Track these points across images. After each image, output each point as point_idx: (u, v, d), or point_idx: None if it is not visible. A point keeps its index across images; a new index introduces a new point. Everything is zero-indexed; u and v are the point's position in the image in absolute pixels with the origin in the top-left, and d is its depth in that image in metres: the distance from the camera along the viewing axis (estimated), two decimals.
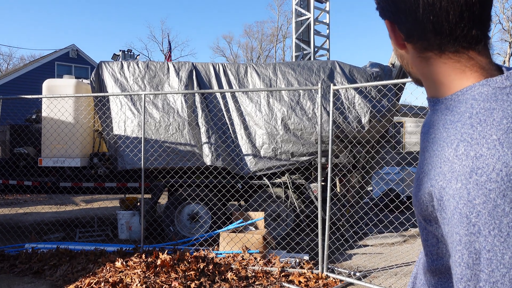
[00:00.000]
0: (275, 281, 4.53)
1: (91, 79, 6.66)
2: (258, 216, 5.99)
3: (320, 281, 4.57)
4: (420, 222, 0.82)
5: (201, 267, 4.50)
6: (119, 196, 11.34)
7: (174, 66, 6.68)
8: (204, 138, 6.37)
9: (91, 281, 4.19)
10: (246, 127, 6.48)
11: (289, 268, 4.92)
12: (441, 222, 0.69)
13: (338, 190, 6.92)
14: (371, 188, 9.53)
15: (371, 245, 6.36)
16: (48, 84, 6.77)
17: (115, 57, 11.68)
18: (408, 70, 0.85)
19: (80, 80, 7.67)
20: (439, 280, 0.80)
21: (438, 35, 0.71)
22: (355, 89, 6.34)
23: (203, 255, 4.99)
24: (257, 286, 4.42)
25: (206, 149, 6.33)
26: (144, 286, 4.01)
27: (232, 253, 5.32)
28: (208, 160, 6.29)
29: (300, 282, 4.50)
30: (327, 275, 4.73)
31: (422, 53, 0.76)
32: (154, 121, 6.43)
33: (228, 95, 6.57)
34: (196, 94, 6.46)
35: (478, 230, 0.61)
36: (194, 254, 5.01)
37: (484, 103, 0.67)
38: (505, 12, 31.08)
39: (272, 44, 41.69)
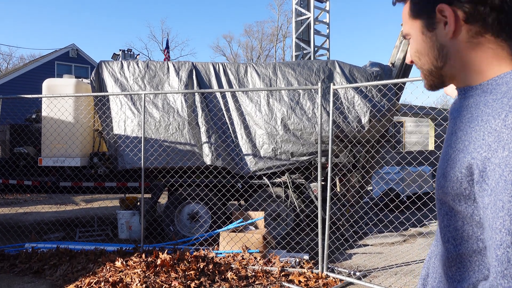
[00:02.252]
0: (275, 280, 4.53)
1: (91, 78, 6.66)
2: (258, 216, 5.99)
3: (320, 281, 4.57)
4: (442, 206, 0.83)
5: (201, 267, 4.50)
6: (119, 196, 11.33)
7: (174, 66, 6.68)
8: (204, 138, 6.37)
9: (91, 280, 4.19)
10: (246, 127, 6.48)
11: (289, 267, 4.92)
12: (478, 195, 0.71)
13: (338, 190, 6.92)
14: (371, 188, 9.53)
15: (371, 245, 6.36)
16: (48, 84, 6.77)
17: (115, 56, 11.68)
18: (441, 64, 0.87)
19: (80, 79, 7.67)
20: (457, 270, 0.80)
21: (502, 14, 0.78)
22: (355, 88, 6.34)
23: (203, 255, 4.99)
24: (257, 285, 4.42)
25: (206, 148, 6.33)
26: (144, 285, 4.01)
27: (232, 253, 5.32)
28: (208, 159, 6.29)
29: (300, 281, 4.50)
30: (327, 274, 4.73)
31: (474, 38, 0.81)
32: (154, 120, 6.43)
33: (228, 95, 6.57)
34: (196, 93, 6.46)
35: None
36: (194, 253, 5.02)
37: None
38: None
39: (272, 44, 41.67)
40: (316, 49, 11.01)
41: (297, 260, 5.11)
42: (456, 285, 0.81)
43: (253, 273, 4.69)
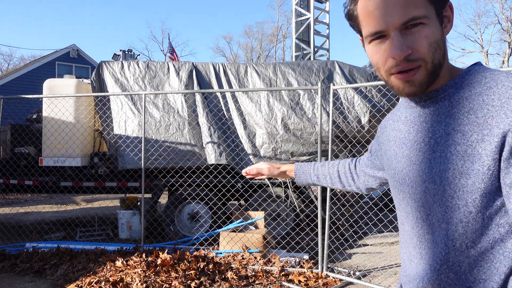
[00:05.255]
0: (275, 280, 4.55)
1: (92, 79, 6.68)
2: (258, 216, 6.00)
3: (320, 280, 4.59)
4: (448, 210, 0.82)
5: (201, 267, 4.51)
6: (119, 196, 11.36)
7: (174, 66, 6.69)
8: (206, 137, 6.38)
9: (92, 280, 4.21)
10: (246, 127, 6.49)
11: (289, 267, 4.94)
12: (506, 173, 0.73)
13: (338, 190, 6.93)
14: None
15: (370, 245, 6.37)
16: (48, 84, 6.79)
17: (115, 57, 11.71)
18: (443, 61, 0.84)
19: (81, 80, 7.69)
20: (479, 270, 0.79)
21: None
22: (355, 89, 6.35)
23: (203, 255, 5.01)
24: (257, 285, 4.43)
25: (209, 147, 6.32)
26: (144, 285, 4.03)
27: (232, 253, 5.34)
28: (212, 158, 6.26)
29: (300, 281, 4.51)
30: (326, 274, 4.74)
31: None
32: (154, 120, 6.44)
33: (228, 95, 6.58)
34: (196, 93, 6.48)
35: None
36: (194, 253, 5.03)
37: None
38: (504, 12, 31.04)
39: (272, 44, 41.68)
40: (316, 49, 11.03)
41: (297, 260, 5.12)
42: (482, 285, 0.77)
43: (253, 273, 4.71)
